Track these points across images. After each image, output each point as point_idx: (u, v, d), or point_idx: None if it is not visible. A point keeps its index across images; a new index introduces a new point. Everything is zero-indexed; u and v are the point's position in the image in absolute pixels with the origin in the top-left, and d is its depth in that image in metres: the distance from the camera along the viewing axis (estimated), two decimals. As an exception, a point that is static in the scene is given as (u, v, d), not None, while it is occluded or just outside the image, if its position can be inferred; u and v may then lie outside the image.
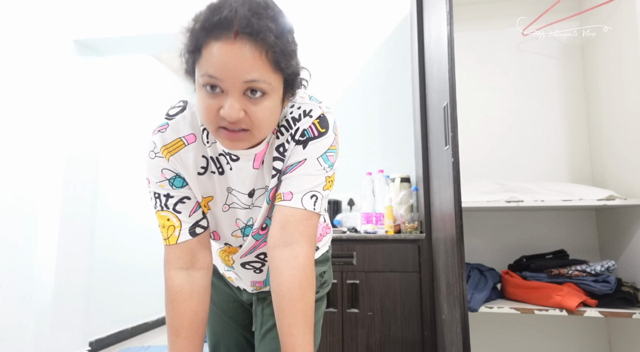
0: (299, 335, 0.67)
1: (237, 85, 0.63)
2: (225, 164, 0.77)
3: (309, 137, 0.74)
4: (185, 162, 0.76)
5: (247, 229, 0.82)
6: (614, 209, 1.79)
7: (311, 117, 0.75)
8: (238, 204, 0.80)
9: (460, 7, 2.17)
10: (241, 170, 0.76)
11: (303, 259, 0.70)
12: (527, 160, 2.05)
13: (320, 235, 1.01)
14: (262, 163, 0.77)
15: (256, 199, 0.80)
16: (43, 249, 2.53)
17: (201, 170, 0.77)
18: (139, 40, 2.69)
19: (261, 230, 0.82)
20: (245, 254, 0.87)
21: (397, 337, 1.74)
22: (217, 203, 0.80)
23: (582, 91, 2.04)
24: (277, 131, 0.76)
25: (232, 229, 0.83)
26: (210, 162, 0.77)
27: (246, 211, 0.80)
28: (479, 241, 2.02)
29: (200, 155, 0.77)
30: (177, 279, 0.76)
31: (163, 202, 0.77)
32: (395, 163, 2.30)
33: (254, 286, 0.94)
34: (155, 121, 3.52)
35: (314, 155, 0.74)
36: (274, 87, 0.65)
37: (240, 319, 1.01)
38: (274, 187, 0.77)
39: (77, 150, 2.71)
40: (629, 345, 1.72)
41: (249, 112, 0.65)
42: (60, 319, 2.52)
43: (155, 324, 3.78)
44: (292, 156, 0.75)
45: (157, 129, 0.76)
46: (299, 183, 0.74)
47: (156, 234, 3.86)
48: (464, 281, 1.23)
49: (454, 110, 1.29)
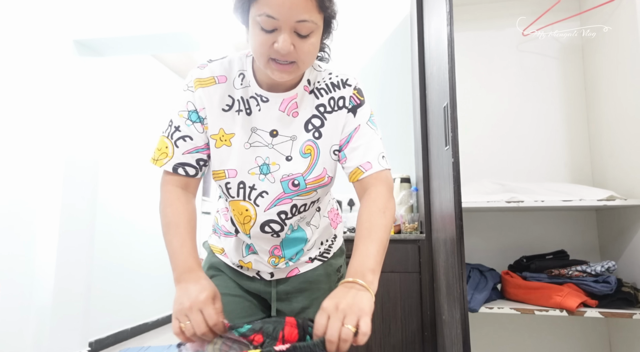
0: (365, 244, 0.78)
1: (290, 24, 0.73)
2: (255, 105, 0.87)
3: (354, 105, 0.88)
4: (212, 97, 0.87)
5: (264, 166, 0.88)
6: (614, 210, 1.79)
7: (350, 85, 0.88)
8: (260, 142, 0.87)
9: (460, 7, 2.17)
10: (268, 111, 0.87)
11: (382, 193, 0.84)
12: (527, 161, 2.05)
13: (334, 222, 1.03)
14: (287, 109, 0.87)
15: (277, 143, 0.87)
16: (43, 249, 2.53)
17: (226, 107, 0.87)
18: (139, 40, 2.69)
19: (292, 185, 0.87)
20: (269, 207, 0.88)
21: (397, 337, 1.74)
22: (239, 140, 0.87)
23: (582, 91, 2.04)
24: (314, 90, 0.88)
25: (250, 166, 0.88)
26: (237, 102, 0.87)
27: (267, 149, 0.87)
28: (479, 241, 2.02)
29: (227, 94, 0.87)
30: (175, 192, 0.87)
31: (171, 131, 0.88)
32: (396, 163, 2.30)
33: (274, 258, 0.94)
34: (155, 121, 3.52)
35: (364, 120, 0.88)
36: (318, 26, 0.77)
37: None
38: (307, 141, 0.87)
39: (77, 151, 2.71)
40: (629, 345, 1.71)
41: (297, 47, 0.75)
42: (60, 319, 2.52)
43: (155, 324, 3.78)
44: (347, 125, 0.88)
45: (197, 65, 0.89)
46: (368, 151, 0.86)
47: (156, 234, 3.86)
48: (464, 281, 1.23)
49: (454, 111, 1.29)
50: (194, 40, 2.66)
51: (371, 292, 0.69)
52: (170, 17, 2.59)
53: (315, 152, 0.87)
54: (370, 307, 0.66)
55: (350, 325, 0.63)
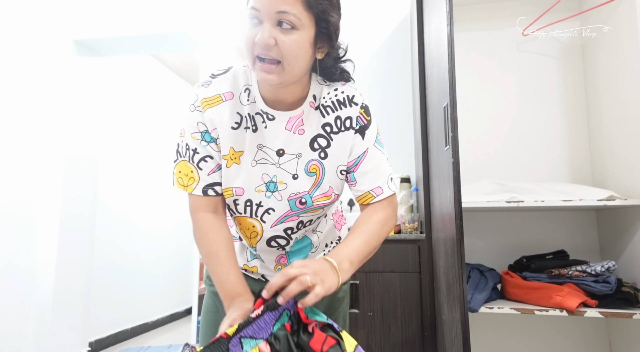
0: (355, 238, 0.81)
1: (271, 15, 0.73)
2: (261, 122, 0.86)
3: (361, 126, 0.88)
4: (221, 116, 0.85)
5: (270, 184, 0.88)
6: (614, 210, 1.79)
7: (356, 104, 0.87)
8: (267, 160, 0.87)
9: (460, 7, 2.17)
10: (274, 129, 0.86)
11: (386, 212, 0.89)
12: (527, 161, 2.05)
13: (338, 223, 1.03)
14: (293, 127, 0.86)
15: (284, 162, 0.87)
16: (43, 249, 2.53)
17: (235, 125, 0.86)
18: (139, 40, 2.69)
19: (300, 203, 0.87)
20: (276, 224, 0.89)
21: (397, 338, 1.74)
22: (247, 158, 0.87)
23: (582, 91, 2.04)
24: (320, 107, 0.87)
25: (257, 183, 0.88)
26: (244, 119, 0.86)
27: (273, 168, 0.87)
28: (479, 241, 2.02)
29: (235, 111, 0.86)
30: (207, 218, 0.87)
31: (191, 155, 0.86)
32: (396, 163, 2.29)
33: (280, 266, 0.95)
34: (155, 121, 3.52)
35: (371, 143, 0.89)
36: (303, 23, 0.75)
37: None
38: (312, 161, 0.87)
39: (77, 150, 2.71)
40: (629, 345, 1.71)
41: (279, 42, 0.74)
42: (60, 319, 2.52)
43: (155, 324, 3.78)
44: (355, 148, 0.88)
45: (201, 83, 0.87)
46: (379, 176, 0.89)
47: (156, 234, 3.86)
48: (464, 281, 1.23)
49: (454, 111, 1.29)
50: (194, 40, 2.66)
51: (339, 278, 0.72)
52: (170, 17, 2.59)
53: (320, 172, 0.88)
54: (331, 286, 0.69)
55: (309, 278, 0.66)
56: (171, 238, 4.10)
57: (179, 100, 4.27)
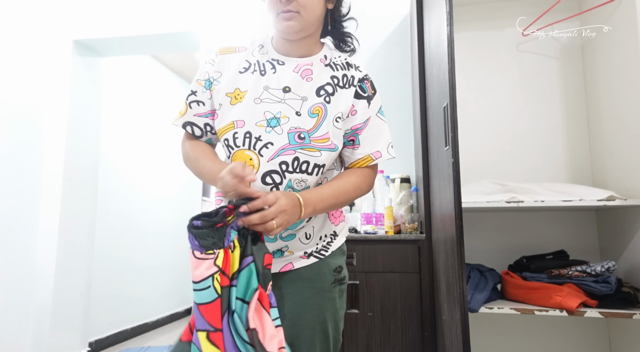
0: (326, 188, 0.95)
1: None
2: (270, 68, 0.98)
3: (369, 95, 1.02)
4: (230, 62, 1.00)
5: (273, 120, 0.94)
6: (614, 210, 1.79)
7: (361, 71, 1.02)
8: (271, 99, 0.96)
9: (460, 8, 2.17)
10: (283, 73, 0.97)
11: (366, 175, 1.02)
12: (527, 161, 2.05)
13: (334, 216, 1.03)
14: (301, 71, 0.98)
15: (289, 98, 0.96)
16: (43, 249, 2.53)
17: (242, 70, 0.99)
18: (139, 40, 2.69)
19: (298, 138, 0.93)
20: (272, 157, 0.92)
21: (397, 338, 1.74)
22: (251, 96, 0.96)
23: (582, 91, 2.04)
24: (331, 64, 1.01)
25: (258, 118, 0.95)
26: (253, 65, 0.99)
27: (279, 104, 0.95)
28: (479, 241, 2.02)
29: (244, 59, 1.00)
30: (191, 139, 1.04)
31: (188, 94, 1.02)
32: (395, 163, 2.29)
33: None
34: (155, 121, 3.52)
35: (374, 112, 1.02)
36: None
37: None
38: (316, 104, 0.96)
39: (77, 150, 2.71)
40: (629, 346, 1.71)
41: None
42: (60, 319, 2.52)
43: (155, 324, 3.78)
44: (360, 113, 1.00)
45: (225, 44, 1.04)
46: (380, 140, 1.01)
47: (156, 234, 3.86)
48: (464, 281, 1.23)
49: (454, 111, 1.29)
50: (194, 40, 2.66)
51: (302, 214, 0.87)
52: (170, 17, 2.59)
53: (322, 114, 0.95)
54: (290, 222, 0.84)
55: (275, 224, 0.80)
56: (171, 238, 4.10)
57: (178, 100, 4.27)
